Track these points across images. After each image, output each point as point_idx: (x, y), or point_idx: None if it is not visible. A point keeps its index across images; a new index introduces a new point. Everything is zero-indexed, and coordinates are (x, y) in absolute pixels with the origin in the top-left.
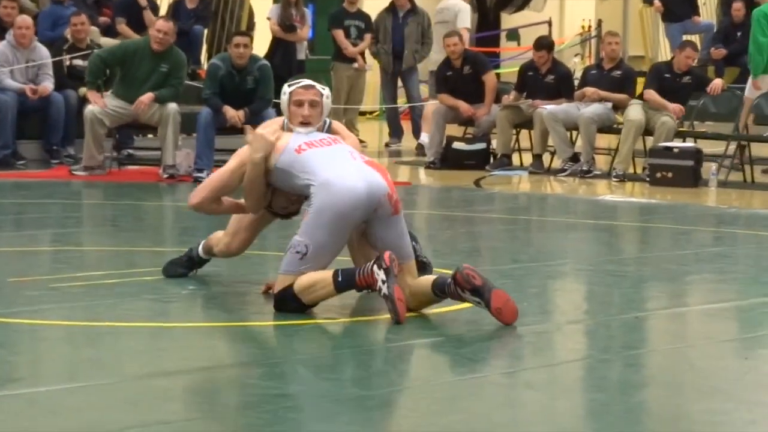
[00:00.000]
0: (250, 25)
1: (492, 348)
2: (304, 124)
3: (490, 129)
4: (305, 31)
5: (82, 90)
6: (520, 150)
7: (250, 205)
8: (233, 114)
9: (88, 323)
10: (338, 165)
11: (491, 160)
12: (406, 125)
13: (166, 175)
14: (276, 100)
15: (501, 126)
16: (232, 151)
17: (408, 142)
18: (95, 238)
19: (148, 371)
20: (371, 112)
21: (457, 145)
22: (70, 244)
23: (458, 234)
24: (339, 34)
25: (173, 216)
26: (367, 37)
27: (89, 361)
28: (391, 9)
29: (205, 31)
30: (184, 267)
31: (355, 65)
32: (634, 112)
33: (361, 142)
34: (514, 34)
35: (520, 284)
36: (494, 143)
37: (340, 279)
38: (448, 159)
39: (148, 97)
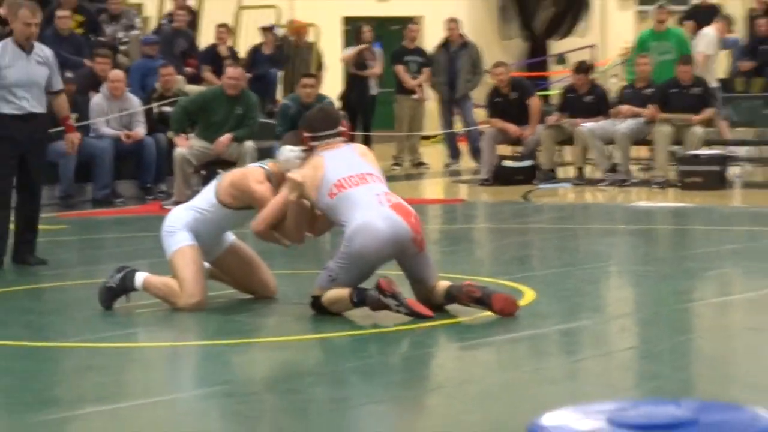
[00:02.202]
0: (319, 66)
1: (545, 343)
2: None
3: (536, 147)
4: (378, 68)
5: (171, 133)
6: (563, 164)
7: (294, 237)
8: None
9: (154, 344)
10: (367, 211)
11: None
12: (464, 147)
13: None
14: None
15: (545, 144)
16: None
17: (465, 162)
18: None
19: (211, 386)
20: (434, 137)
21: (507, 163)
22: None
23: (510, 244)
24: (400, 69)
25: (253, 242)
26: (426, 70)
27: (161, 380)
28: (445, 45)
29: (279, 74)
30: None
31: (415, 96)
32: (664, 125)
33: (424, 164)
34: (561, 59)
35: (562, 285)
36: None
37: (356, 301)
38: (500, 176)
39: (226, 137)
